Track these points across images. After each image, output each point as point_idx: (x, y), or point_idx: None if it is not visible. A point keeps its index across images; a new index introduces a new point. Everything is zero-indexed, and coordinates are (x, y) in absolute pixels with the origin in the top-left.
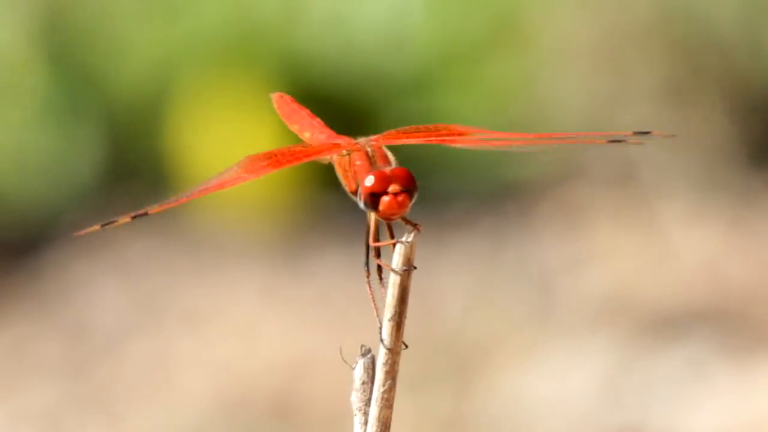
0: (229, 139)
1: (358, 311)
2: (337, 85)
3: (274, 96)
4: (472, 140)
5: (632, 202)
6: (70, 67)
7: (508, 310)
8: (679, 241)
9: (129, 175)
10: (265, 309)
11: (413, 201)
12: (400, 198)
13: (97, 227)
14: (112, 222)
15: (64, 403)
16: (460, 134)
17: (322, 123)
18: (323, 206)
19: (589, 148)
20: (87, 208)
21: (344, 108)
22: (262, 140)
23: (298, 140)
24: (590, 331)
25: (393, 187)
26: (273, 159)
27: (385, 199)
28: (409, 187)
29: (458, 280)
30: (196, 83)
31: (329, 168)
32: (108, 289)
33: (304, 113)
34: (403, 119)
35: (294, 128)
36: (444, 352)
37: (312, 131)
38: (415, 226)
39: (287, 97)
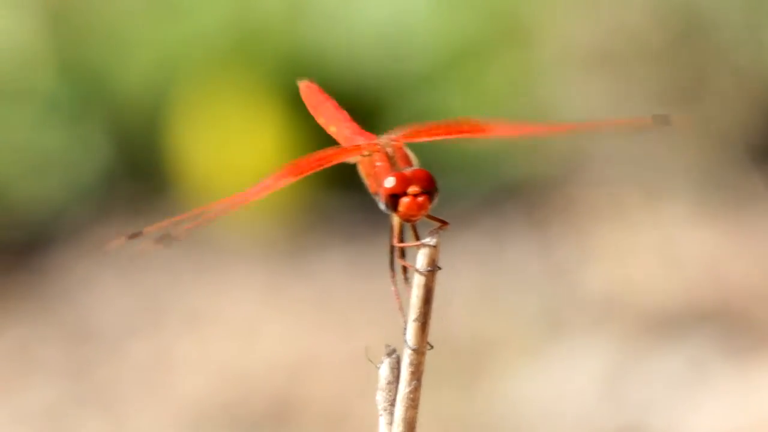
0: (232, 139)
1: (360, 311)
2: (339, 85)
3: (302, 84)
4: (497, 132)
5: (633, 202)
6: (74, 66)
7: (509, 310)
8: (680, 241)
9: (132, 174)
10: (266, 309)
11: (434, 202)
12: (419, 199)
13: (126, 239)
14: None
15: (65, 403)
16: (481, 128)
17: (347, 116)
18: (324, 206)
19: (591, 145)
20: (90, 207)
21: (346, 108)
22: (265, 140)
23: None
24: (591, 330)
25: (413, 189)
26: (293, 167)
27: (404, 200)
28: (429, 189)
29: (459, 280)
30: (200, 83)
31: (330, 167)
32: (109, 289)
33: (330, 105)
34: (405, 119)
35: (321, 121)
36: (444, 352)
37: (338, 125)
38: (442, 222)
39: (314, 86)
